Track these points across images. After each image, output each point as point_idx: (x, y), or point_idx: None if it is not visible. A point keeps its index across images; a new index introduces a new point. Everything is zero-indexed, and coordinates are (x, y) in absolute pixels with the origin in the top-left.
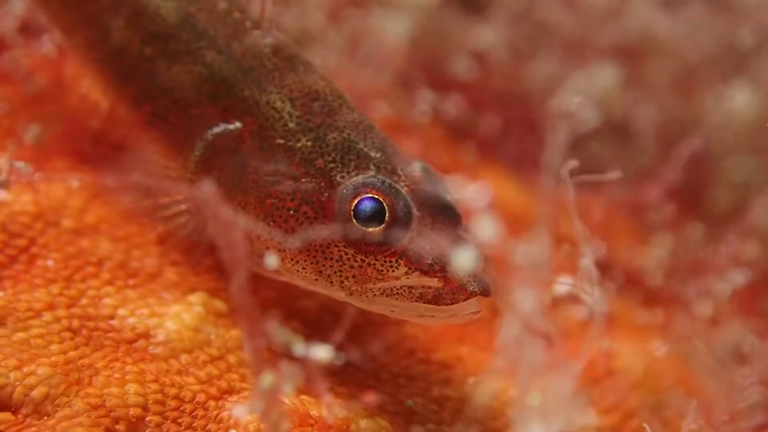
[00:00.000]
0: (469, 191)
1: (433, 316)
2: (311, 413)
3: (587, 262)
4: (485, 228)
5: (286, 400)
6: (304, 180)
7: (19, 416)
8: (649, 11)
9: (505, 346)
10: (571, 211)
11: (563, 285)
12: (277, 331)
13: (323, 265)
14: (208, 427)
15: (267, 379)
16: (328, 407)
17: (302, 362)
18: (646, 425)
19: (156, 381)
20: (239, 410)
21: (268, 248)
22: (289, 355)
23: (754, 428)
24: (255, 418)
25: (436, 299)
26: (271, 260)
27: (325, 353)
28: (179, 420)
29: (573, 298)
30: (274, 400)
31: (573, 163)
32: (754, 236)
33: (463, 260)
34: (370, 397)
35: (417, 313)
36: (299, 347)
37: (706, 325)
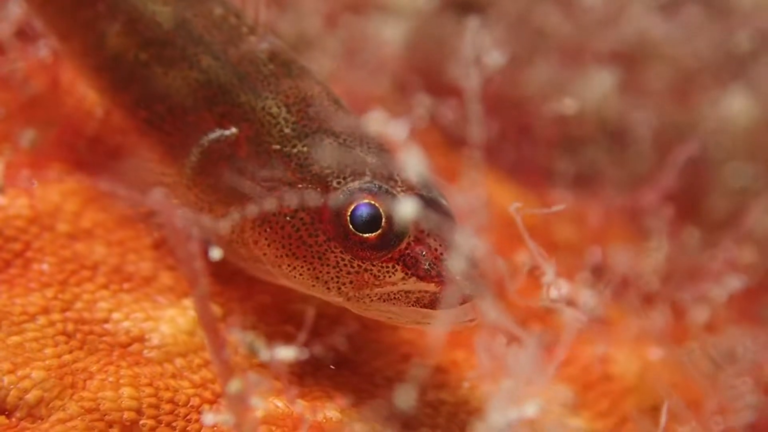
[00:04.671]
0: (389, 127)
1: (429, 323)
2: (305, 417)
3: (549, 277)
4: (412, 160)
5: (279, 404)
6: (300, 186)
7: (13, 420)
8: (647, 16)
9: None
10: (524, 230)
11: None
12: (241, 335)
13: (320, 271)
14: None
15: (235, 384)
16: (322, 410)
17: (269, 364)
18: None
19: (150, 385)
20: (209, 418)
21: (264, 254)
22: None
23: (744, 427)
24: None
25: (432, 303)
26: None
27: (289, 354)
28: (173, 424)
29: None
30: (243, 404)
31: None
32: (750, 241)
33: (405, 209)
34: (341, 401)
35: (413, 320)
36: (263, 352)
37: (702, 330)
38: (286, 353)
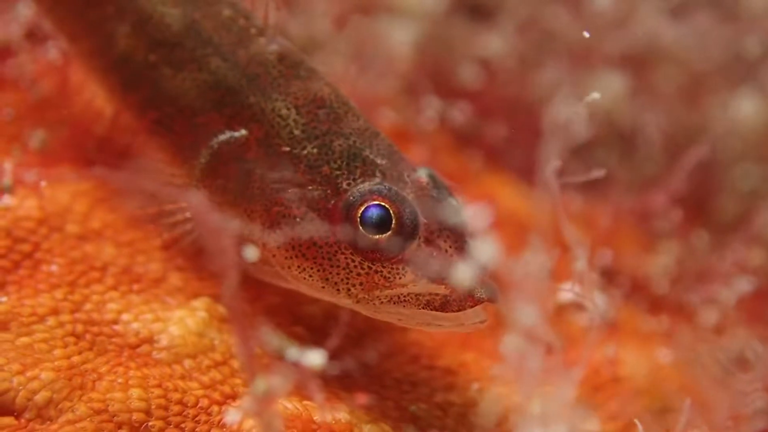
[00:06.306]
0: (470, 211)
1: (440, 325)
2: (314, 418)
3: (581, 265)
4: (485, 250)
5: (289, 405)
6: (310, 187)
7: (22, 420)
8: (656, 19)
9: (507, 356)
10: (563, 216)
11: (566, 292)
12: (270, 336)
13: (330, 273)
14: None
15: (260, 384)
16: (331, 412)
17: (296, 367)
18: None
19: (159, 386)
20: (232, 415)
21: (274, 256)
22: (283, 360)
23: None
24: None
25: (443, 306)
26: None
27: (318, 358)
28: (182, 425)
29: (577, 305)
30: (268, 404)
31: (559, 166)
32: (759, 244)
33: (462, 274)
34: (363, 399)
35: (424, 321)
36: (292, 352)
37: (711, 332)
38: (315, 358)
